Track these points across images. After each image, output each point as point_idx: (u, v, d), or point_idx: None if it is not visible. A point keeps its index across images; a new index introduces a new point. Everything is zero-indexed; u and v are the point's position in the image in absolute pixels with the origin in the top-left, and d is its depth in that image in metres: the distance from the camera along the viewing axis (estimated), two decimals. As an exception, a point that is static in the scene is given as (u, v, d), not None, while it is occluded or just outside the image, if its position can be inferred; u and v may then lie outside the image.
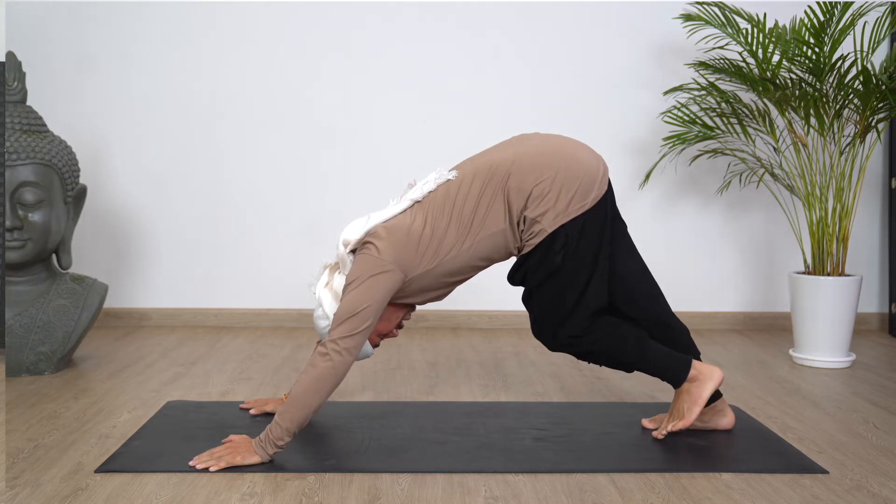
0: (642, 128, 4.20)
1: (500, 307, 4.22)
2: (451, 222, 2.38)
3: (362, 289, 2.28)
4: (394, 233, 2.36)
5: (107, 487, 2.11)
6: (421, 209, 2.41)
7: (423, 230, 2.37)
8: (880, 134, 3.61)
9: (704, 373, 2.49)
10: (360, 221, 2.41)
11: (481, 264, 2.46)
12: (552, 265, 2.38)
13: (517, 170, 2.37)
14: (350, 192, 4.16)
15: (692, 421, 2.45)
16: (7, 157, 3.15)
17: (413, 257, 2.35)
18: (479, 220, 2.38)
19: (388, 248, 2.33)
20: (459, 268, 2.42)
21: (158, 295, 4.23)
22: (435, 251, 2.37)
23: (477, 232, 2.38)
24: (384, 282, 2.31)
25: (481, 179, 2.39)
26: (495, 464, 2.27)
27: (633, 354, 2.48)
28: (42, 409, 2.76)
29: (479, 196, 2.38)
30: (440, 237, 2.37)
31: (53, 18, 4.11)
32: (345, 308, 2.27)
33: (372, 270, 2.30)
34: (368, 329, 2.28)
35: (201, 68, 4.16)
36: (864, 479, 2.20)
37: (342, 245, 2.39)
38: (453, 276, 2.44)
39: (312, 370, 2.24)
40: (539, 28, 4.17)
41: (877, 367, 3.50)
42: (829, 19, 3.39)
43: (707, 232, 4.26)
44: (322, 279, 2.45)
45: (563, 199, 2.34)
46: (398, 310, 2.52)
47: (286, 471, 2.21)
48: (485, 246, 2.40)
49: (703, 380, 2.48)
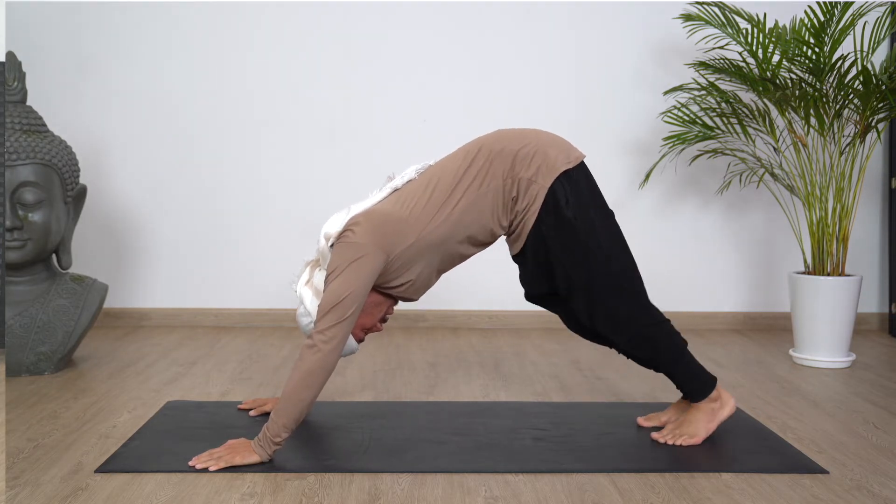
0: (642, 128, 4.20)
1: (500, 307, 4.22)
2: (431, 196, 2.37)
3: (343, 277, 2.26)
4: (372, 217, 2.34)
5: (107, 487, 2.11)
6: (400, 195, 2.42)
7: (401, 210, 2.37)
8: (880, 134, 3.61)
9: (723, 397, 2.51)
10: (341, 214, 2.39)
11: (463, 240, 2.41)
12: (566, 221, 2.36)
13: (499, 138, 2.43)
14: (350, 192, 4.14)
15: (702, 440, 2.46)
16: (7, 157, 3.15)
17: (392, 235, 2.33)
18: (461, 190, 2.37)
19: (365, 232, 2.31)
20: (441, 243, 2.38)
21: (158, 295, 4.23)
22: (414, 224, 2.35)
23: (456, 201, 2.36)
24: (364, 266, 2.28)
25: (462, 155, 2.43)
26: (495, 464, 2.27)
27: (675, 353, 2.47)
28: (42, 409, 2.76)
29: (461, 170, 2.39)
30: (419, 211, 2.36)
31: (53, 18, 4.11)
32: (328, 298, 2.26)
33: (351, 257, 2.28)
34: (354, 316, 2.26)
35: (201, 68, 4.16)
36: (864, 479, 2.20)
37: (323, 239, 2.36)
38: (438, 253, 2.40)
39: (302, 364, 2.23)
40: (539, 28, 4.17)
41: (877, 367, 3.50)
42: (829, 19, 3.39)
43: (707, 232, 4.26)
44: (303, 277, 2.44)
45: (550, 157, 2.38)
46: (382, 303, 2.49)
47: (286, 471, 2.21)
48: (467, 216, 2.37)
49: (722, 404, 2.49)
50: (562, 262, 2.40)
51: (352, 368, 3.35)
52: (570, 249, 2.39)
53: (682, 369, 2.49)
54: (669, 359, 2.48)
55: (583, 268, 2.39)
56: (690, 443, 2.44)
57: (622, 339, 2.46)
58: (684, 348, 2.49)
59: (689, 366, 2.49)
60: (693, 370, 2.49)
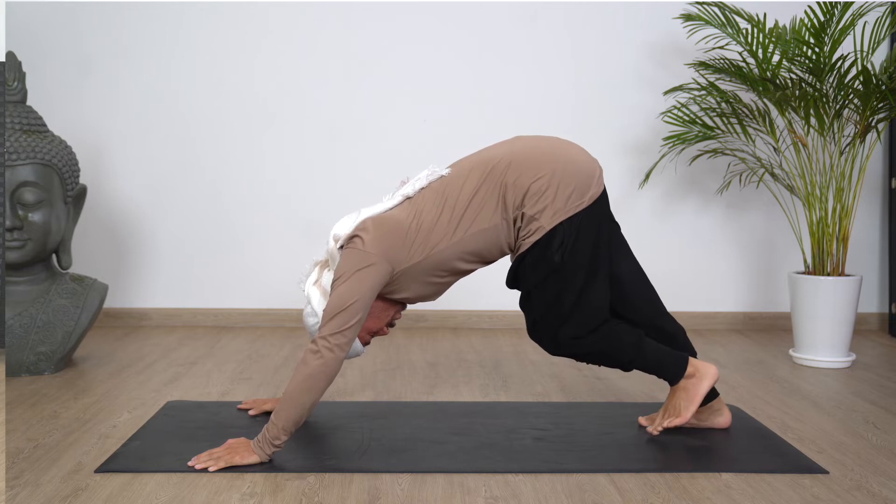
0: (642, 128, 4.20)
1: (500, 307, 4.22)
2: (442, 215, 2.37)
3: (349, 283, 2.27)
4: (381, 226, 2.34)
5: (107, 487, 2.11)
6: (411, 204, 2.41)
7: (411, 223, 2.36)
8: (880, 134, 3.61)
9: (700, 370, 2.50)
10: (351, 216, 2.40)
11: (472, 260, 2.43)
12: (551, 264, 2.37)
13: (515, 166, 2.38)
14: (350, 192, 4.16)
15: (688, 418, 2.46)
16: (7, 157, 3.15)
17: (400, 249, 2.33)
18: (472, 213, 2.37)
19: (374, 241, 2.31)
20: (449, 262, 2.39)
21: (158, 295, 4.24)
22: (423, 243, 2.35)
23: (468, 226, 2.36)
24: (371, 275, 2.29)
25: (477, 175, 2.40)
26: (495, 464, 2.27)
27: (631, 352, 2.47)
28: (42, 409, 2.76)
29: (473, 191, 2.37)
30: (429, 229, 2.36)
31: (53, 18, 4.11)
32: (333, 304, 2.26)
33: (358, 265, 2.29)
34: (358, 324, 2.27)
35: (201, 68, 4.16)
36: (864, 479, 2.20)
37: (332, 240, 2.37)
38: (444, 272, 2.42)
39: (304, 368, 2.23)
40: (539, 28, 4.17)
41: (877, 367, 3.50)
42: (829, 19, 3.39)
43: (707, 232, 4.26)
44: (311, 276, 2.45)
45: (560, 196, 2.35)
46: (389, 308, 2.50)
47: (286, 471, 2.21)
48: (475, 241, 2.38)
49: (700, 377, 2.49)
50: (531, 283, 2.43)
51: (352, 368, 3.35)
52: (543, 286, 2.41)
53: (647, 362, 2.49)
54: (626, 358, 2.48)
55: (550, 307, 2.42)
56: (677, 422, 2.46)
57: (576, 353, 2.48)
58: (639, 342, 2.47)
59: (650, 356, 2.49)
60: (657, 357, 2.49)
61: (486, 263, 2.48)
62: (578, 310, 2.41)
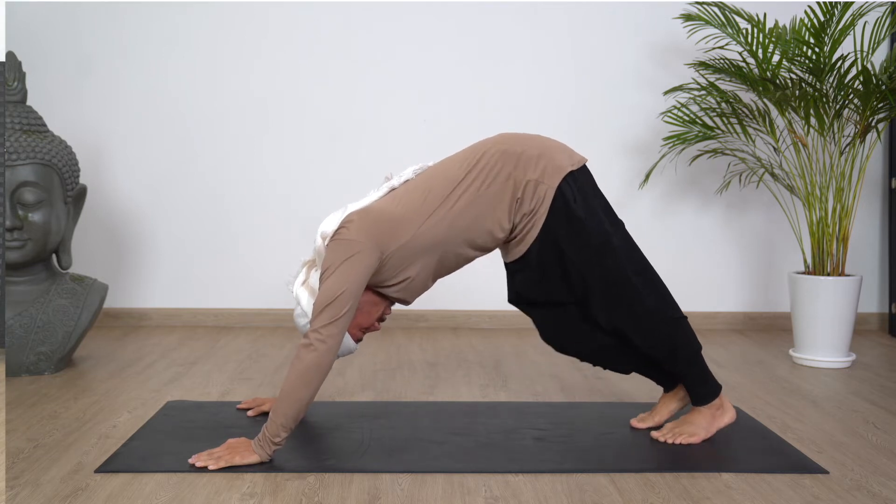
0: (642, 128, 4.20)
1: (500, 307, 4.21)
2: (430, 194, 2.35)
3: (337, 274, 2.25)
4: (367, 215, 2.33)
5: (107, 487, 2.11)
6: (396, 194, 2.41)
7: (396, 208, 2.35)
8: (880, 134, 3.61)
9: (725, 405, 2.52)
10: (337, 213, 2.37)
11: (461, 242, 2.38)
12: (576, 221, 2.34)
13: (502, 140, 2.42)
14: (350, 192, 4.15)
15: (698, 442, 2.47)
16: (7, 157, 3.15)
17: (387, 232, 2.31)
18: (463, 187, 2.35)
19: (358, 229, 2.30)
20: (438, 244, 2.35)
21: (158, 295, 4.24)
22: (410, 222, 2.33)
23: (456, 198, 2.34)
24: (358, 263, 2.27)
25: (463, 155, 2.43)
26: (495, 464, 2.27)
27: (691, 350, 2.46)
28: (42, 409, 2.76)
29: (460, 168, 2.38)
30: (415, 209, 2.34)
31: (53, 18, 4.11)
32: (322, 297, 2.25)
33: (344, 254, 2.27)
34: (349, 314, 2.25)
35: (201, 68, 4.16)
36: (864, 479, 2.20)
37: (320, 238, 2.35)
38: (434, 254, 2.37)
39: (298, 363, 2.23)
40: (539, 29, 4.17)
41: (877, 367, 3.50)
42: (829, 19, 3.39)
43: (707, 232, 4.26)
44: (300, 277, 2.44)
45: (555, 158, 2.37)
46: (379, 302, 2.48)
47: (286, 471, 2.21)
48: (468, 214, 2.34)
49: (724, 411, 2.50)
50: (576, 264, 2.38)
51: (352, 368, 3.35)
52: (583, 250, 2.37)
53: (696, 371, 2.48)
54: (686, 357, 2.46)
55: (599, 267, 2.38)
56: (689, 441, 2.44)
57: (642, 335, 2.42)
58: (699, 351, 2.48)
59: (703, 368, 2.49)
60: (706, 373, 2.49)
61: (479, 250, 2.43)
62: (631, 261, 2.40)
